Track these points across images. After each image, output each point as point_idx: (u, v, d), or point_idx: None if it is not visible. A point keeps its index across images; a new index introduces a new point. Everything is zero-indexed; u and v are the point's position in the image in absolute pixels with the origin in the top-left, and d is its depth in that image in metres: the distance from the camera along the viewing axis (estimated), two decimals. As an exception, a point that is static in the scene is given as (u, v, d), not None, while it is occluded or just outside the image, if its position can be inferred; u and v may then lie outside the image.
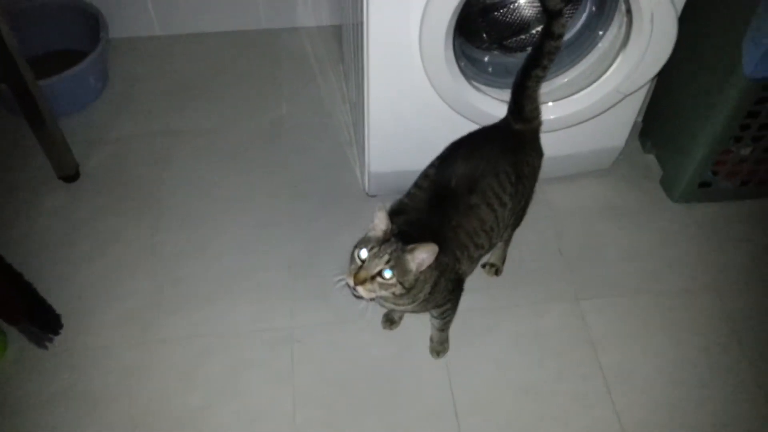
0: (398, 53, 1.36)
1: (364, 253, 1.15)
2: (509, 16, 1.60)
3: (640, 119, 1.93)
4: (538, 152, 1.44)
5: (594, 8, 1.54)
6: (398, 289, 1.16)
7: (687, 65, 1.68)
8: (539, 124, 1.42)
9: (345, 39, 1.83)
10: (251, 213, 1.76)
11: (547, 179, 1.82)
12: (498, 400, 1.45)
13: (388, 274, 1.13)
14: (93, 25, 1.99)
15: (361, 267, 1.14)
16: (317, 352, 1.52)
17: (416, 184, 1.36)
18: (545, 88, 1.52)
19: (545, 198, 1.81)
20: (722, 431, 1.42)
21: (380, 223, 1.16)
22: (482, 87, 1.48)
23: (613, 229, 1.76)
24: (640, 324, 1.58)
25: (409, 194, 1.35)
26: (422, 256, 1.14)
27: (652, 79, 1.51)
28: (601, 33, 1.51)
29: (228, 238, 1.71)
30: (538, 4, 1.57)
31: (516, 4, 1.60)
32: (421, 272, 1.17)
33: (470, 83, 1.44)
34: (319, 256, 1.68)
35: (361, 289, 1.15)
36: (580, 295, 1.62)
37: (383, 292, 1.16)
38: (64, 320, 1.54)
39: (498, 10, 1.59)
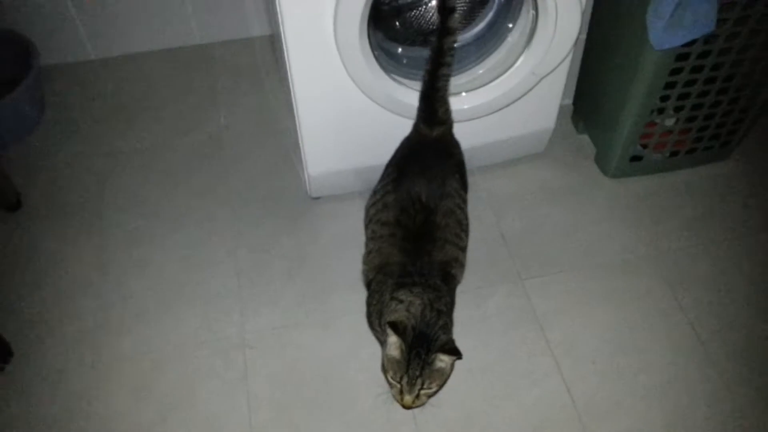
0: (317, 54, 1.39)
1: (395, 377, 1.22)
2: (425, 15, 1.64)
3: (570, 102, 1.98)
4: (458, 144, 1.51)
5: (503, 1, 1.58)
6: (442, 385, 1.25)
7: (605, 44, 1.73)
8: (452, 122, 1.47)
9: (276, 47, 1.85)
10: (196, 225, 1.77)
11: (485, 167, 1.86)
12: (450, 386, 1.47)
13: (429, 387, 1.22)
14: (24, 54, 1.98)
15: (402, 391, 1.22)
16: (269, 356, 1.53)
17: (381, 222, 1.38)
18: (461, 80, 1.56)
19: (485, 186, 1.85)
20: (669, 391, 1.47)
21: (394, 345, 1.20)
22: (403, 80, 1.51)
23: (552, 209, 1.81)
24: (583, 297, 1.63)
25: (379, 237, 1.37)
26: (444, 359, 1.21)
27: (566, 58, 1.55)
28: (510, 26, 1.55)
29: (173, 253, 1.72)
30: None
31: (429, 5, 1.62)
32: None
33: (390, 77, 1.47)
34: (265, 262, 1.69)
35: (414, 407, 1.25)
36: (523, 275, 1.66)
37: (432, 395, 1.26)
38: (14, 347, 1.53)
39: (412, 11, 1.62)
